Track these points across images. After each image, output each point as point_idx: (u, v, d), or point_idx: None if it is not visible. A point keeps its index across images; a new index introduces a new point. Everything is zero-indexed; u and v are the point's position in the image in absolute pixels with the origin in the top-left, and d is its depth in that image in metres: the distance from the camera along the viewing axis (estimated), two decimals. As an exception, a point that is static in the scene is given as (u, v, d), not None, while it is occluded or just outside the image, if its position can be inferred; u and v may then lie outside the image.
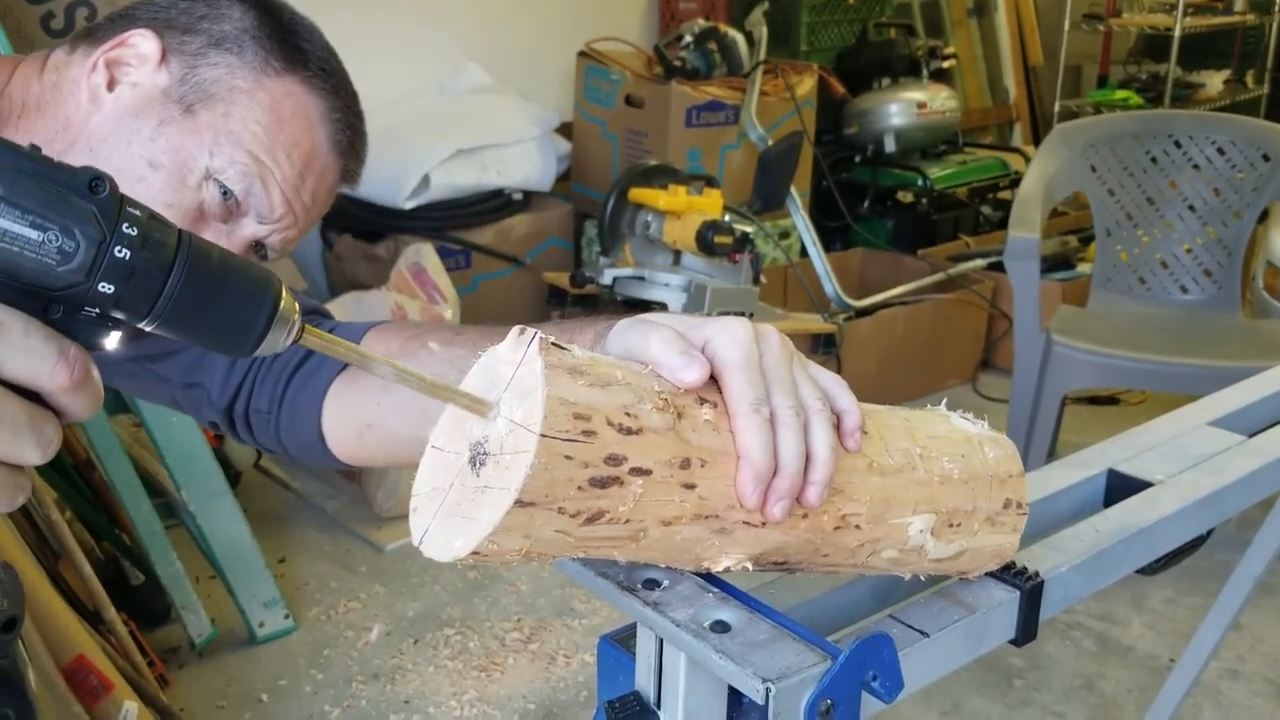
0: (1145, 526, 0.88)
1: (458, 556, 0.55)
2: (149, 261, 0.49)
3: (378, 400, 0.98)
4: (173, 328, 0.51)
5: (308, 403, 1.03)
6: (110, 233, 0.48)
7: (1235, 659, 2.36)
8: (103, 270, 0.48)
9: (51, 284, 0.48)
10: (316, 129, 1.01)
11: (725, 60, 3.92)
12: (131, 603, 2.33)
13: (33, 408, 0.51)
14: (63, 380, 0.50)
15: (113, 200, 0.48)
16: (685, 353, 0.61)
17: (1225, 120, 3.23)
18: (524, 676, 2.30)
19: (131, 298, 0.49)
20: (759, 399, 0.62)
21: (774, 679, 0.59)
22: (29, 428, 0.50)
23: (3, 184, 0.46)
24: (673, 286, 2.98)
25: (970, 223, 4.49)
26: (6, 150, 0.46)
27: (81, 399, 0.52)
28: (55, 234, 0.47)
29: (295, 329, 0.54)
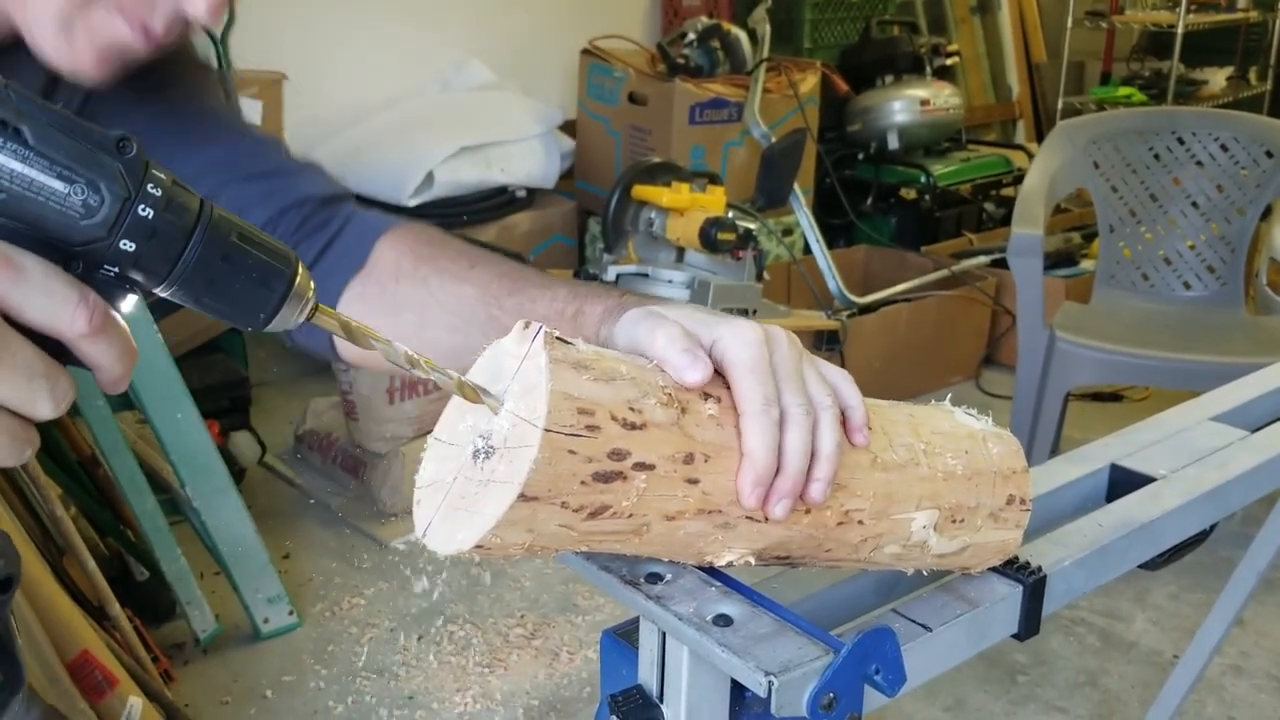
0: (1148, 521, 0.88)
1: (461, 549, 0.55)
2: (171, 223, 0.49)
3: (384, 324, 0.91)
4: (188, 293, 0.51)
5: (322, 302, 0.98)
6: (135, 190, 0.48)
7: (1239, 655, 2.36)
8: (125, 227, 0.48)
9: (74, 238, 0.48)
10: None
11: (728, 57, 3.92)
12: (136, 599, 2.34)
13: (47, 358, 0.50)
14: (82, 325, 0.50)
15: (139, 161, 0.48)
16: (689, 351, 0.61)
17: (1228, 117, 3.22)
18: (527, 672, 2.31)
19: (151, 258, 0.49)
20: (769, 399, 0.62)
21: (777, 672, 0.59)
22: (44, 376, 0.50)
23: (33, 134, 0.46)
24: (676, 283, 2.99)
25: (973, 220, 4.48)
26: (36, 104, 0.47)
27: (104, 347, 0.51)
28: (81, 187, 0.47)
29: (309, 306, 0.54)
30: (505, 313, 0.85)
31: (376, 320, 0.94)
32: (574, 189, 4.10)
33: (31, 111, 0.47)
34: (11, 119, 0.46)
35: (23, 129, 0.46)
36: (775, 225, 3.78)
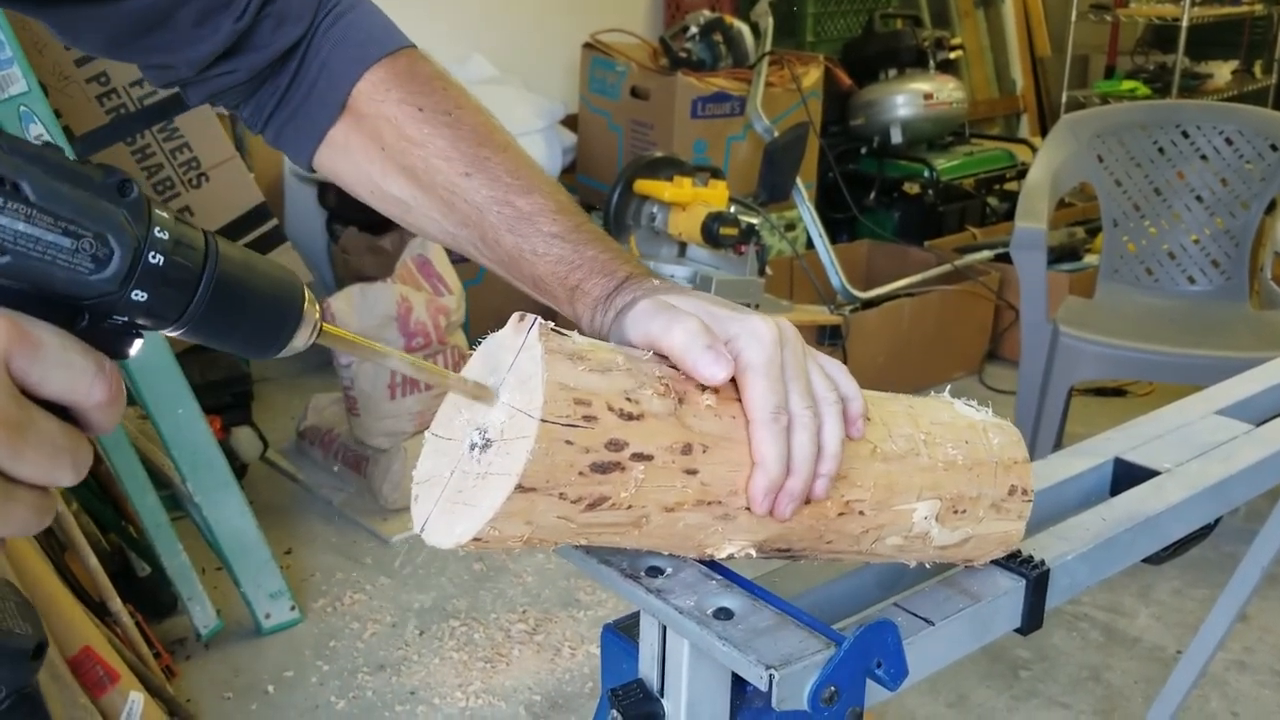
0: (1152, 515, 0.88)
1: (459, 543, 0.55)
2: (181, 267, 0.46)
3: (371, 188, 0.89)
4: (199, 332, 0.49)
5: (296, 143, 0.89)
6: (144, 237, 0.45)
7: (1242, 650, 2.36)
8: (137, 278, 0.45)
9: (83, 293, 0.45)
10: None
11: (731, 51, 3.91)
12: (138, 594, 2.33)
13: (69, 429, 0.48)
14: (100, 396, 0.48)
15: (142, 203, 0.46)
16: (712, 348, 0.60)
17: (1233, 110, 3.21)
18: (529, 668, 2.30)
19: (163, 304, 0.47)
20: (779, 406, 0.61)
21: (778, 666, 0.59)
22: (68, 450, 0.48)
23: (33, 190, 0.43)
24: (678, 278, 2.98)
25: (977, 214, 4.48)
26: (31, 153, 0.44)
27: (114, 413, 0.49)
28: (89, 241, 0.44)
29: (316, 329, 0.52)
30: (502, 249, 0.80)
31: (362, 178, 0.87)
32: (576, 184, 4.10)
33: (28, 163, 0.43)
34: (10, 174, 0.43)
35: (22, 185, 0.43)
36: (778, 220, 3.78)
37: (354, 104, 0.86)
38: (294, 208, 3.74)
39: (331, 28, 0.86)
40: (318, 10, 0.86)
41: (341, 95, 0.85)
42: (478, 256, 0.84)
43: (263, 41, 0.84)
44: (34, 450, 0.46)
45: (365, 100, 0.85)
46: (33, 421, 0.46)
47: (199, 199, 3.13)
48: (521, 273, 0.80)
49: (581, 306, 0.74)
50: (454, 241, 0.84)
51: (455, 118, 0.84)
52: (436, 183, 0.83)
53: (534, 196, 0.80)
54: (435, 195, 0.83)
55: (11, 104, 2.04)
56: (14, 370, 0.45)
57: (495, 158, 0.82)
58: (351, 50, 0.85)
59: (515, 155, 0.83)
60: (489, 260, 0.83)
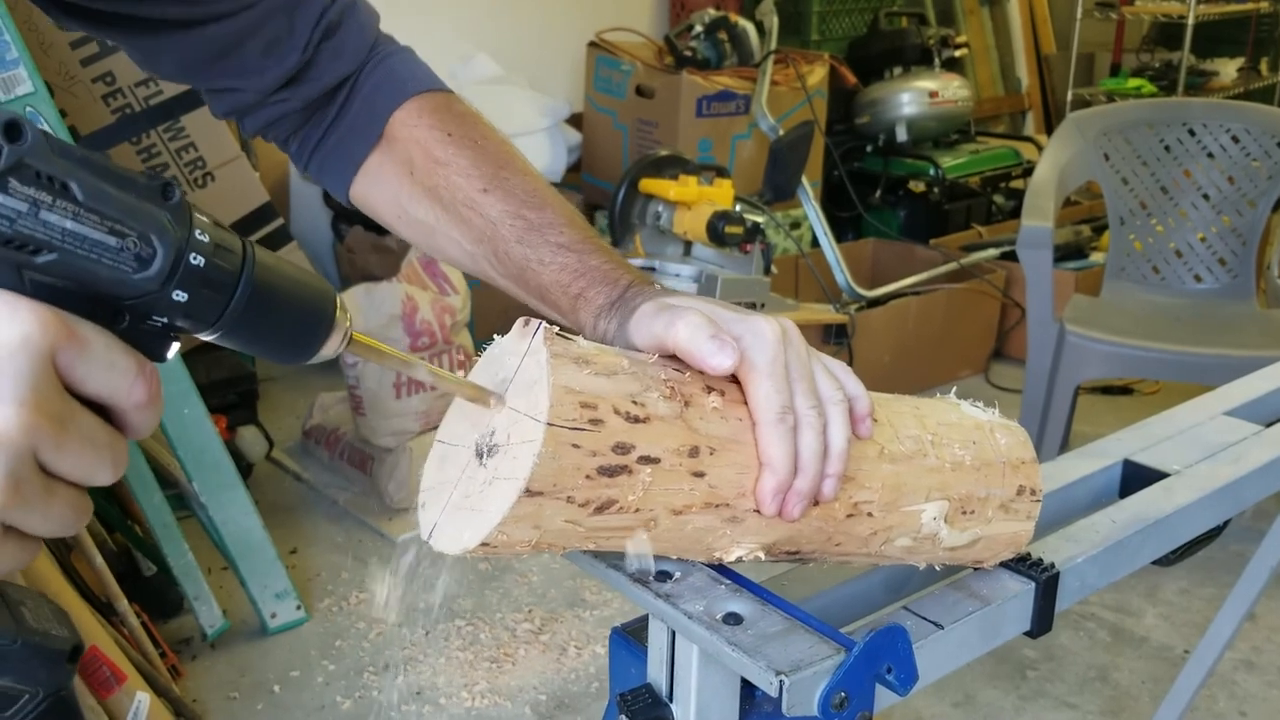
0: (1161, 517, 0.87)
1: (467, 549, 0.55)
2: (221, 269, 0.48)
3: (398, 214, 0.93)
4: (233, 337, 0.50)
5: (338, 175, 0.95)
6: (185, 239, 0.47)
7: (1250, 650, 2.35)
8: (178, 278, 0.47)
9: (126, 292, 0.46)
10: None
11: (736, 50, 3.91)
12: (144, 594, 2.33)
13: (109, 428, 0.49)
14: (140, 396, 0.49)
15: (184, 206, 0.47)
16: (716, 337, 0.61)
17: (1239, 108, 3.20)
18: (535, 667, 2.30)
19: (201, 306, 0.48)
20: (785, 407, 0.62)
21: (788, 671, 0.59)
22: (108, 448, 0.49)
23: (81, 190, 0.44)
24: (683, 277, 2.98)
25: (983, 212, 4.47)
26: (80, 156, 0.45)
27: (152, 415, 0.50)
28: (134, 240, 0.45)
29: (346, 337, 0.53)
30: (511, 260, 0.83)
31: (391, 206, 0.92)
32: (581, 183, 4.10)
33: (76, 165, 0.44)
34: (60, 175, 0.44)
35: (70, 185, 0.44)
36: (783, 218, 3.77)
37: (389, 131, 0.91)
38: (299, 207, 3.75)
39: (376, 68, 0.93)
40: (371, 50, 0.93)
41: (379, 125, 0.91)
42: (492, 274, 0.86)
43: (318, 74, 0.90)
44: (76, 445, 0.47)
45: (399, 126, 0.91)
46: (74, 416, 0.47)
47: (205, 198, 3.13)
48: (528, 284, 0.82)
49: (585, 314, 0.75)
50: (472, 261, 0.87)
51: (480, 144, 0.89)
52: (457, 199, 0.86)
53: (545, 211, 0.84)
54: (455, 213, 0.86)
55: (18, 104, 2.04)
56: (59, 365, 0.46)
57: (514, 178, 0.87)
58: (393, 85, 0.92)
59: (533, 178, 0.87)
60: (501, 276, 0.85)
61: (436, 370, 0.56)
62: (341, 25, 0.91)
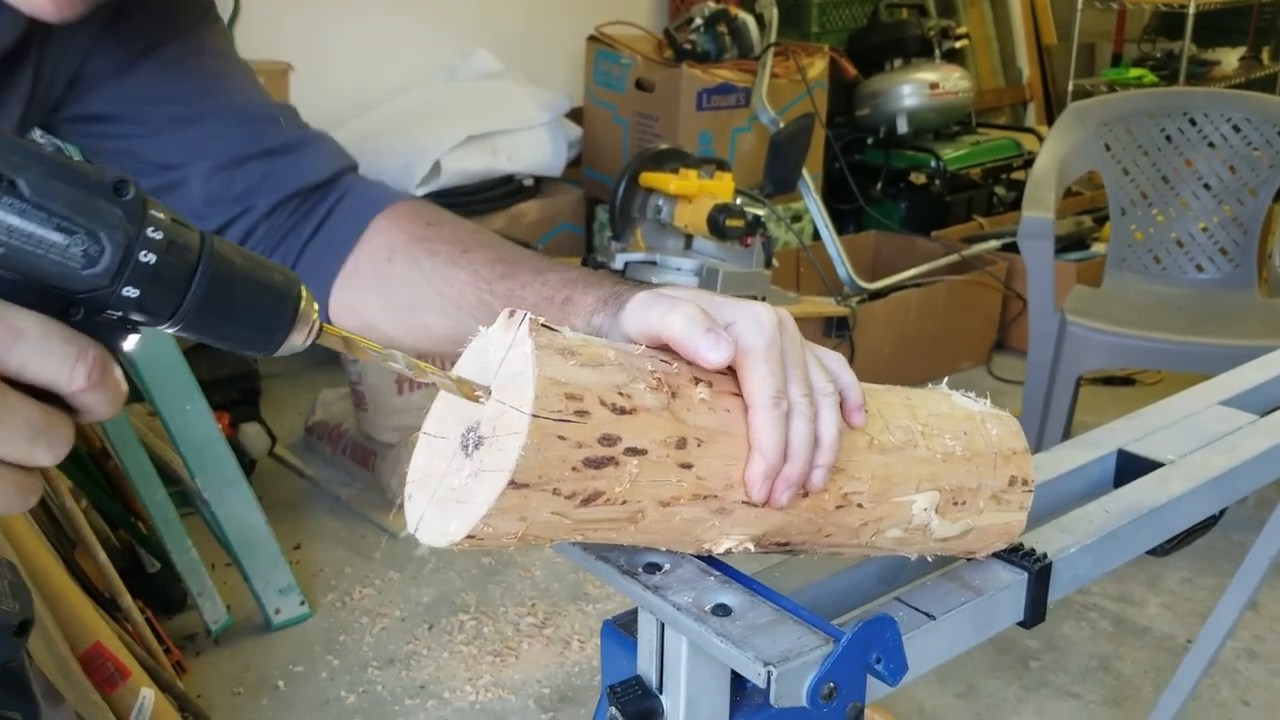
0: (1155, 507, 0.87)
1: (453, 541, 0.55)
2: (173, 266, 0.48)
3: (378, 305, 0.96)
4: (193, 330, 0.50)
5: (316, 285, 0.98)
6: (136, 236, 0.47)
7: (1253, 639, 2.35)
8: (128, 274, 0.47)
9: (74, 287, 0.47)
10: None
11: (736, 43, 3.90)
12: (148, 590, 2.34)
13: (47, 411, 0.50)
14: (80, 382, 0.50)
15: (137, 203, 0.47)
16: (712, 330, 0.61)
17: (1240, 97, 3.20)
18: (538, 661, 2.31)
19: (155, 301, 0.48)
20: (779, 392, 0.62)
21: (775, 662, 0.59)
22: (43, 431, 0.50)
23: (29, 186, 0.45)
24: (684, 270, 2.98)
25: (984, 204, 4.46)
26: (30, 152, 0.46)
27: (100, 398, 0.51)
28: (81, 237, 0.46)
29: (315, 329, 0.53)
30: (496, 297, 0.85)
31: (369, 298, 0.95)
32: (581, 177, 4.09)
33: (26, 161, 0.45)
34: (6, 171, 0.45)
35: (18, 181, 0.45)
36: (784, 211, 3.77)
37: (369, 234, 0.96)
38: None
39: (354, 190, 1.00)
40: (342, 177, 1.00)
41: (360, 229, 0.97)
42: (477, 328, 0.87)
43: (282, 179, 0.96)
44: (7, 430, 0.49)
45: (379, 226, 0.96)
46: (6, 402, 0.49)
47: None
48: None
49: (576, 318, 0.75)
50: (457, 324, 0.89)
51: (456, 223, 0.95)
52: (439, 263, 0.90)
53: (522, 252, 0.89)
54: (437, 276, 0.90)
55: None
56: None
57: (491, 239, 0.92)
58: (371, 198, 0.99)
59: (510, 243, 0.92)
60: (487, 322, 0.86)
61: (416, 362, 0.56)
62: (310, 143, 0.98)
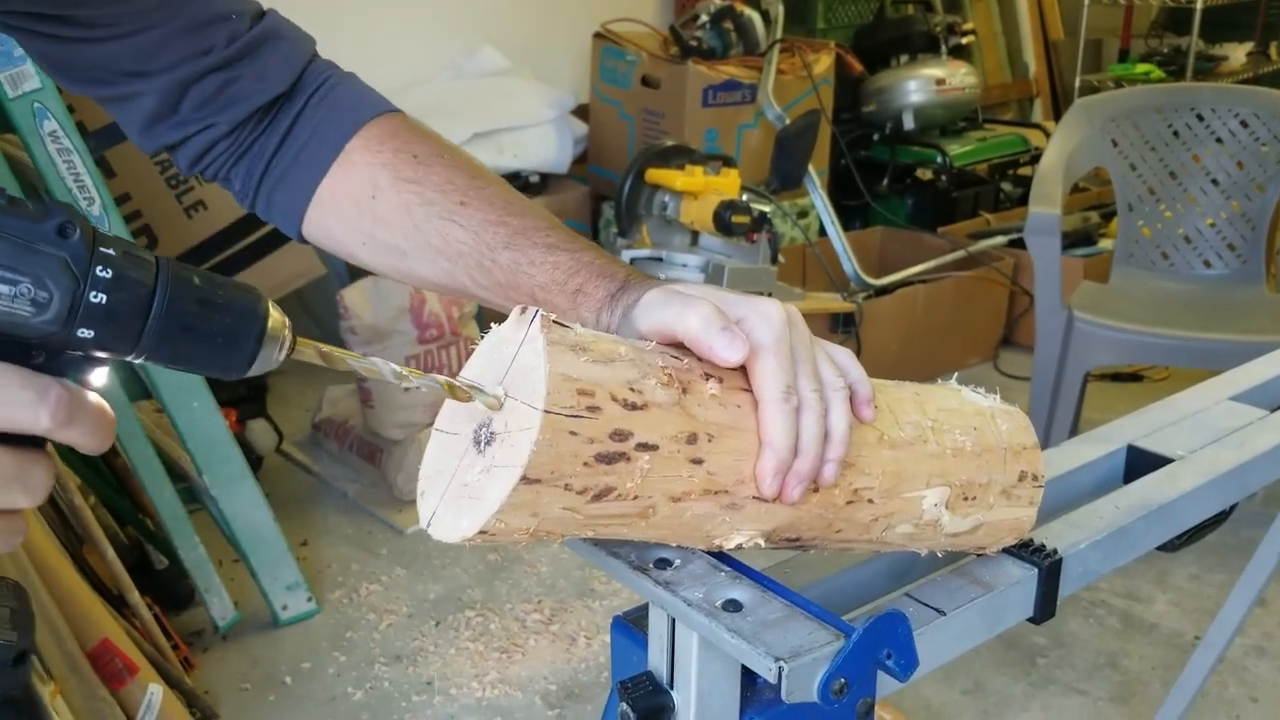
0: (1165, 503, 0.87)
1: (465, 536, 0.55)
2: (126, 302, 0.48)
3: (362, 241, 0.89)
4: (159, 358, 0.50)
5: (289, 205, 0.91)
6: (84, 278, 0.47)
7: (1261, 635, 2.35)
8: (80, 317, 0.47)
9: (27, 335, 0.47)
10: None
11: (741, 39, 3.90)
12: (155, 587, 2.35)
13: (18, 456, 0.50)
14: (46, 423, 0.50)
15: (84, 244, 0.47)
16: (729, 330, 0.61)
17: (1248, 93, 3.18)
18: (545, 657, 2.31)
19: (112, 339, 0.48)
20: (789, 386, 0.62)
21: (787, 658, 0.59)
22: (15, 477, 0.50)
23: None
24: (690, 267, 2.97)
25: (990, 199, 4.45)
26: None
27: (75, 433, 0.51)
28: (27, 286, 0.46)
29: (287, 344, 0.53)
30: (498, 267, 0.80)
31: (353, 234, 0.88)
32: (587, 174, 4.09)
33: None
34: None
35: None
36: (790, 207, 3.77)
37: (347, 158, 0.88)
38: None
39: (324, 99, 0.89)
40: (303, 78, 0.89)
41: (333, 151, 0.88)
42: (474, 289, 0.83)
43: (242, 92, 0.87)
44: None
45: (358, 153, 0.87)
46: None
47: (213, 192, 3.14)
48: (519, 287, 0.80)
49: (586, 309, 0.74)
50: (450, 278, 0.84)
51: (448, 160, 0.86)
52: (432, 214, 0.84)
53: (527, 217, 0.82)
54: (431, 229, 0.84)
55: (25, 100, 2.05)
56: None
57: (489, 188, 0.84)
58: (343, 113, 0.89)
59: (507, 187, 0.86)
60: (486, 288, 0.83)
61: (399, 369, 0.56)
62: (265, 44, 0.88)
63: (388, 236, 0.86)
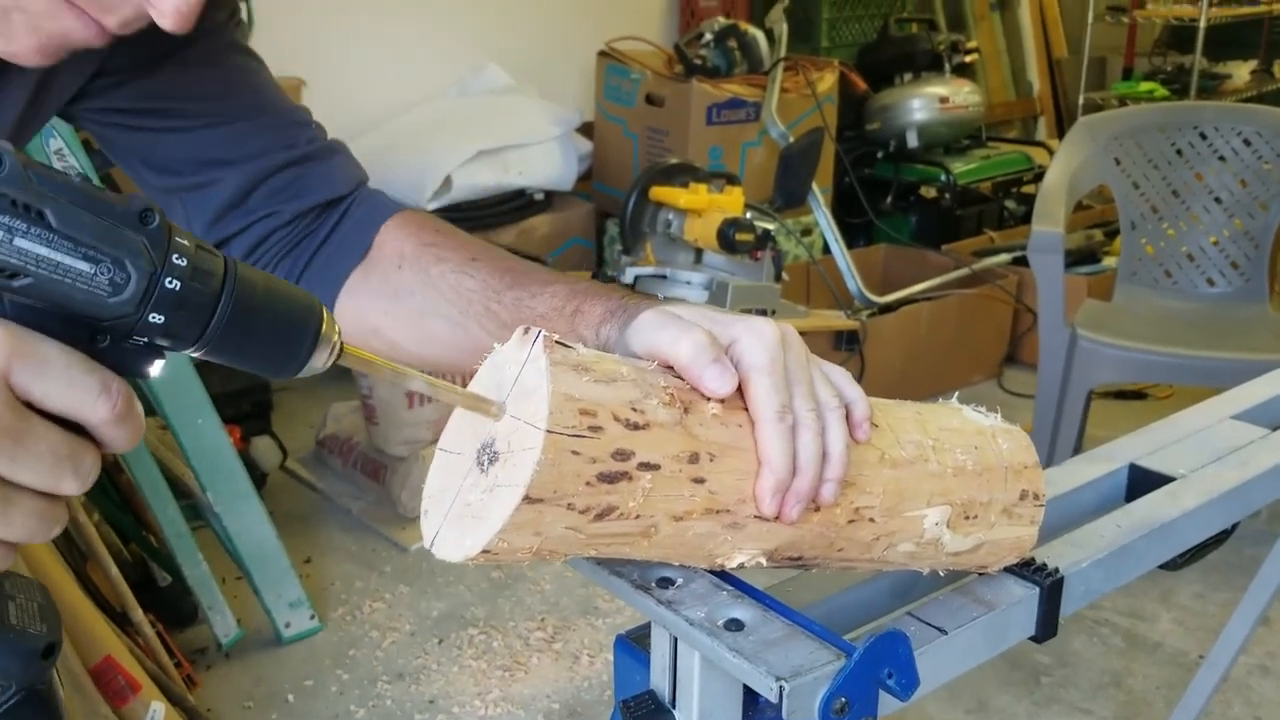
0: (1167, 522, 0.87)
1: (469, 556, 0.55)
2: (198, 292, 0.49)
3: (385, 310, 0.96)
4: (217, 354, 0.51)
5: (324, 291, 0.98)
6: (161, 264, 0.48)
7: (1265, 654, 2.34)
8: (153, 301, 0.48)
9: (101, 315, 0.48)
10: None
11: (746, 57, 3.91)
12: (159, 604, 2.35)
13: (73, 439, 0.51)
14: (104, 413, 0.51)
15: (163, 231, 0.49)
16: (719, 361, 0.61)
17: (1251, 111, 3.19)
18: (548, 676, 2.31)
19: (180, 327, 0.49)
20: (784, 406, 0.62)
21: (788, 677, 0.59)
22: (69, 459, 0.51)
23: (56, 217, 0.46)
24: (694, 284, 2.98)
25: (994, 217, 4.46)
26: (58, 183, 0.47)
27: (122, 431, 0.52)
28: (107, 266, 0.47)
29: (336, 350, 0.54)
30: (503, 307, 0.85)
31: (377, 305, 0.95)
32: (592, 191, 4.11)
33: (53, 192, 0.46)
34: (34, 202, 0.46)
35: (45, 211, 0.46)
36: (794, 225, 3.78)
37: (375, 244, 0.97)
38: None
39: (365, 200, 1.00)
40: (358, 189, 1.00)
41: (367, 239, 0.97)
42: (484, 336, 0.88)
43: (309, 187, 0.96)
44: (32, 458, 0.49)
45: (388, 233, 0.97)
46: (31, 430, 0.49)
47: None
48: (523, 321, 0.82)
49: (584, 327, 0.75)
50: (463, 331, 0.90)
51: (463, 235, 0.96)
52: (446, 270, 0.91)
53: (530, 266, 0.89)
54: (445, 283, 0.91)
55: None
56: (15, 383, 0.49)
57: (497, 251, 0.93)
58: (378, 209, 0.99)
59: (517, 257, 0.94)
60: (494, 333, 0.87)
61: (433, 380, 0.57)
62: (335, 154, 0.99)
63: (408, 303, 0.93)
